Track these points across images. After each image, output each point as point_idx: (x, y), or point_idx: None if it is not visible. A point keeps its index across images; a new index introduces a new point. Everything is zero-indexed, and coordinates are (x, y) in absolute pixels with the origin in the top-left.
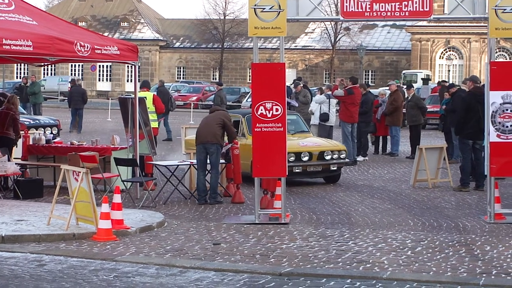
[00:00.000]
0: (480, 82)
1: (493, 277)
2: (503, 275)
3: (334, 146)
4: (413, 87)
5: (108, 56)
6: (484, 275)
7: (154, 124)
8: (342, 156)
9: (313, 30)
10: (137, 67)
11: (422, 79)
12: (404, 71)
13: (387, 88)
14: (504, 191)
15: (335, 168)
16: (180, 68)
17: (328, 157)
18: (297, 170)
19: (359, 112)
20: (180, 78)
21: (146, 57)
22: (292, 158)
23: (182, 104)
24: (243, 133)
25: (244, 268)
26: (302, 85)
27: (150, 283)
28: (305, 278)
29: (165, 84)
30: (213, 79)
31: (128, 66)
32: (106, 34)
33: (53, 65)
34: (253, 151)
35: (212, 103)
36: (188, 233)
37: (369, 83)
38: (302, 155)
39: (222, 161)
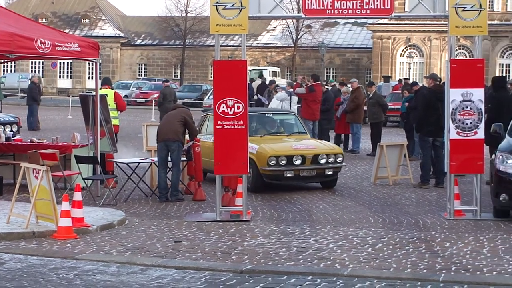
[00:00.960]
0: (440, 79)
1: (452, 273)
2: (462, 271)
3: (330, 149)
4: (374, 84)
5: (69, 53)
6: (443, 271)
7: (115, 122)
8: (339, 160)
9: (275, 27)
10: (98, 64)
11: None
12: (250, 68)
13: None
14: (463, 188)
15: (330, 173)
16: (142, 65)
17: (322, 161)
18: (288, 175)
19: (321, 109)
20: (141, 76)
21: (107, 54)
22: (284, 162)
23: (143, 101)
24: None
25: (205, 266)
26: (276, 83)
27: (111, 281)
28: (266, 275)
29: (126, 81)
30: (174, 77)
31: (89, 63)
32: (67, 31)
33: (13, 62)
34: (214, 148)
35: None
36: (149, 231)
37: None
38: (294, 159)
39: (183, 158)
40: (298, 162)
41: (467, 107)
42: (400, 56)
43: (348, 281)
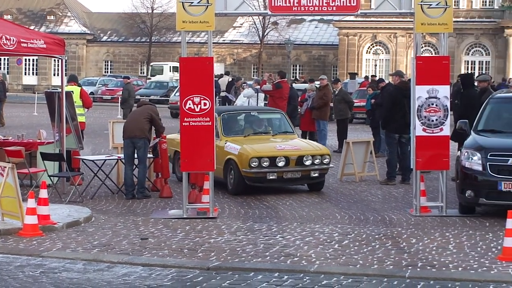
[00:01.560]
0: (405, 76)
1: (418, 269)
2: (428, 267)
3: (316, 150)
4: (340, 81)
5: (35, 49)
6: (410, 267)
7: (81, 119)
8: (326, 161)
9: (241, 24)
10: (64, 61)
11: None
12: (152, 63)
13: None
14: (429, 185)
15: (316, 175)
16: (108, 62)
17: (308, 162)
18: (271, 177)
19: (287, 106)
20: (107, 72)
21: (73, 51)
22: (266, 163)
23: (109, 98)
24: (217, 134)
25: (172, 263)
26: (242, 80)
27: (77, 279)
28: (233, 272)
29: (92, 78)
30: (141, 73)
31: (54, 60)
32: (32, 27)
33: None
34: (181, 145)
35: (121, 97)
36: (115, 228)
37: (297, 77)
38: (277, 160)
39: (149, 155)
40: (281, 164)
41: (432, 104)
42: (366, 53)
43: (314, 278)
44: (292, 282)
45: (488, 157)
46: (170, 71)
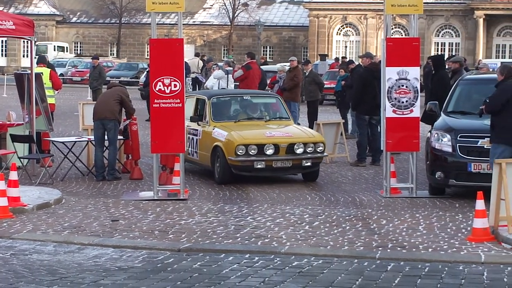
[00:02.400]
0: (375, 58)
1: (389, 250)
2: (398, 248)
3: (308, 137)
4: (310, 62)
5: (3, 31)
6: (380, 248)
7: (50, 100)
8: (319, 149)
9: (211, 5)
10: (33, 42)
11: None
12: (37, 43)
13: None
14: (399, 166)
15: (308, 164)
16: (77, 44)
17: (299, 151)
18: (259, 166)
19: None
20: (77, 54)
21: (43, 32)
22: (254, 151)
23: (79, 79)
24: (206, 119)
25: (143, 245)
26: (213, 62)
27: (48, 261)
28: (203, 253)
29: (61, 59)
30: (111, 55)
31: (24, 41)
32: (0, 8)
33: None
34: (151, 127)
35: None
36: (86, 210)
37: (267, 59)
38: (265, 148)
39: (120, 137)
40: (270, 152)
41: (403, 86)
42: (337, 34)
43: (285, 259)
44: (263, 264)
45: (458, 138)
46: (54, 50)
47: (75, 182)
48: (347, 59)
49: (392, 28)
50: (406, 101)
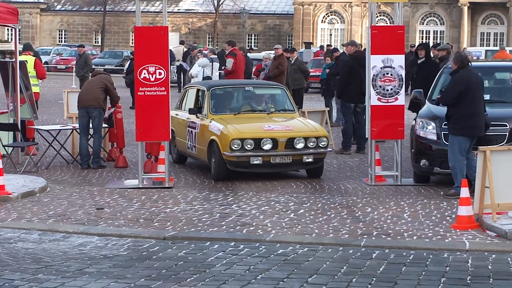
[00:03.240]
0: (359, 45)
1: (373, 238)
2: (383, 236)
3: (310, 131)
4: (296, 50)
5: None
6: (365, 236)
7: (35, 89)
8: (322, 144)
9: None
10: (17, 30)
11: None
12: None
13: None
14: (384, 154)
15: (310, 160)
16: (62, 32)
17: (299, 146)
18: (256, 162)
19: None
20: (61, 42)
21: (27, 20)
22: (250, 146)
23: (64, 67)
24: (205, 111)
25: (128, 233)
26: (198, 49)
27: (33, 249)
28: (189, 241)
29: (46, 47)
30: (95, 43)
31: (8, 29)
32: None
33: None
34: (136, 115)
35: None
36: (71, 198)
37: (252, 47)
38: (262, 142)
39: (105, 125)
40: (267, 147)
41: (387, 74)
42: (322, 22)
43: (270, 247)
44: (248, 251)
45: (443, 126)
46: None
47: (60, 170)
48: (332, 47)
49: (377, 16)
50: (391, 89)
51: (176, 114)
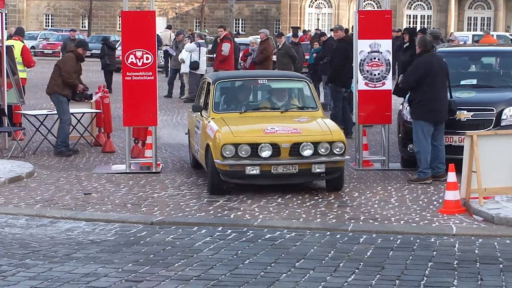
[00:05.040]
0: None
1: (361, 222)
2: (370, 221)
3: (321, 135)
4: (283, 35)
5: None
6: (352, 221)
7: (22, 74)
8: (337, 150)
9: None
10: (3, 14)
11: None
12: None
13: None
14: (372, 139)
15: (321, 170)
16: (48, 16)
17: (306, 152)
18: (253, 172)
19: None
20: (48, 26)
21: (13, 5)
22: (245, 153)
23: (51, 52)
24: (207, 107)
25: (116, 218)
26: (183, 34)
27: (20, 234)
28: (176, 226)
29: (33, 32)
30: (82, 27)
31: None
32: None
33: None
34: (123, 100)
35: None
36: (58, 183)
37: (240, 31)
38: (260, 148)
39: (92, 110)
40: (266, 154)
41: (375, 58)
42: (309, 7)
43: (258, 232)
44: (236, 236)
45: None
46: None
47: (47, 155)
48: (320, 31)
49: (364, 1)
50: (378, 73)
51: (191, 110)
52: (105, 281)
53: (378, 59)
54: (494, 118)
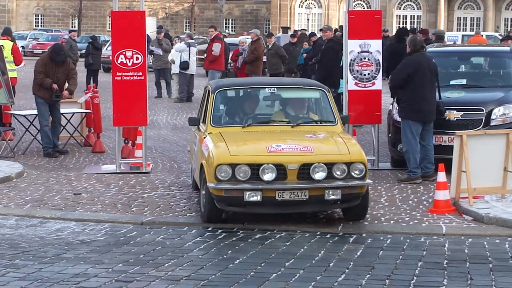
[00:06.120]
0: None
1: (351, 222)
2: (360, 221)
3: (337, 154)
4: (273, 35)
5: None
6: (342, 221)
7: (12, 74)
8: (356, 173)
9: None
10: None
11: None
12: None
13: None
14: (361, 138)
15: (336, 197)
16: (38, 16)
17: (318, 175)
18: (253, 198)
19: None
20: (38, 26)
21: (3, 4)
22: (244, 175)
23: (40, 52)
24: (205, 119)
25: (106, 218)
26: (163, 33)
27: (10, 235)
28: (166, 226)
29: (22, 32)
30: (72, 27)
31: None
32: None
33: None
34: (113, 100)
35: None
36: (48, 183)
37: (230, 31)
38: (262, 170)
39: (82, 110)
40: (268, 176)
41: (365, 58)
42: (299, 7)
43: (248, 232)
44: (226, 236)
45: None
46: None
47: (37, 155)
48: (308, 32)
49: (354, 1)
50: (368, 73)
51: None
52: (95, 281)
53: (368, 59)
54: (483, 118)
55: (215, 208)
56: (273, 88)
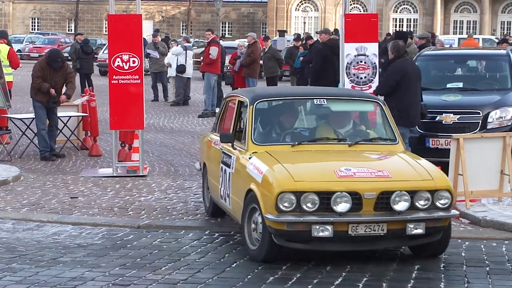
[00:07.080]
0: (332, 33)
1: None
2: None
3: (419, 180)
4: (270, 38)
5: None
6: None
7: (9, 78)
8: (442, 203)
9: None
10: None
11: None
12: None
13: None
14: None
15: (419, 231)
16: (35, 20)
17: (400, 206)
18: (322, 234)
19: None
20: (34, 30)
21: None
22: (312, 205)
23: (37, 56)
24: (245, 136)
25: (102, 221)
26: (164, 36)
27: (7, 238)
28: (163, 230)
29: (19, 35)
30: (68, 31)
31: None
32: None
33: None
34: (110, 103)
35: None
36: (44, 187)
37: (226, 35)
38: (334, 199)
39: (79, 114)
40: (343, 207)
41: (361, 61)
42: (295, 10)
43: None
44: (223, 240)
45: None
46: None
47: (34, 159)
48: (297, 34)
49: (351, 4)
50: (365, 77)
51: (210, 139)
52: (92, 285)
53: (365, 62)
54: (480, 121)
55: (271, 245)
56: (322, 100)
